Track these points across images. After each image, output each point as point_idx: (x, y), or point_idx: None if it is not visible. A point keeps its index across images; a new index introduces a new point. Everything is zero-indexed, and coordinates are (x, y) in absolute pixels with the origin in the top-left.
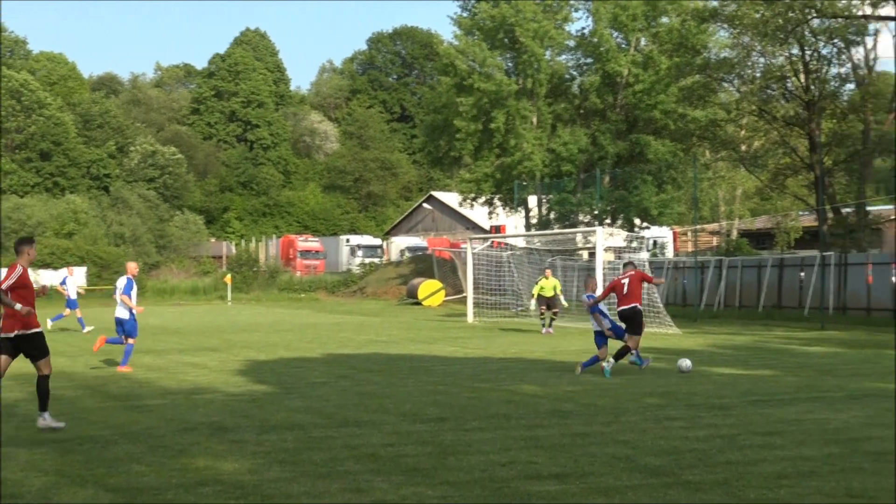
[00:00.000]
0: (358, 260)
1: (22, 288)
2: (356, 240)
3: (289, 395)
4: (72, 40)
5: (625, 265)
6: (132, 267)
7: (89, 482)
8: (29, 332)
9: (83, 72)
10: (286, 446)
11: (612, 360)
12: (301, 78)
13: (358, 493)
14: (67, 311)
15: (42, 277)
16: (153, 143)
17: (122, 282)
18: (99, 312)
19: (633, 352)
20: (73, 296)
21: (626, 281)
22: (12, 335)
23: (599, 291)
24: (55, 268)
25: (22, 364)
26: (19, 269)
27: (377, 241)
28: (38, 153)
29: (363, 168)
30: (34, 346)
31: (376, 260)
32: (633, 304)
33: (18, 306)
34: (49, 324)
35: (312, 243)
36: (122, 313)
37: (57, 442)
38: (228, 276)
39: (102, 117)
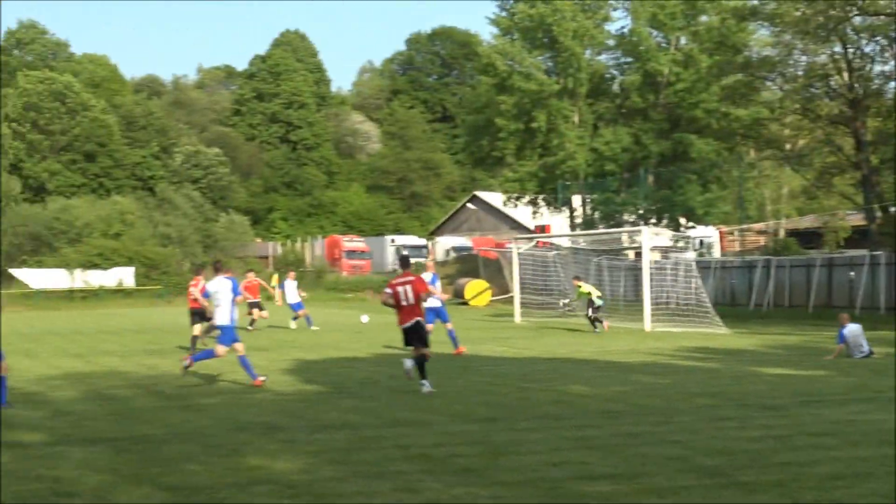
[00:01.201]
0: None
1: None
2: (401, 240)
3: (339, 395)
4: (114, 42)
5: None
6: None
7: (144, 481)
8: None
9: (125, 74)
10: (337, 446)
11: None
12: (342, 79)
13: (410, 493)
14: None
15: (91, 278)
16: (196, 144)
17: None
18: (146, 313)
19: None
20: (297, 299)
21: None
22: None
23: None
24: (104, 268)
25: (75, 363)
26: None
27: (422, 242)
28: (83, 154)
29: (406, 168)
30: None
31: (421, 260)
32: None
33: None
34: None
35: (358, 243)
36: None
37: (111, 441)
38: (275, 277)
39: (146, 119)
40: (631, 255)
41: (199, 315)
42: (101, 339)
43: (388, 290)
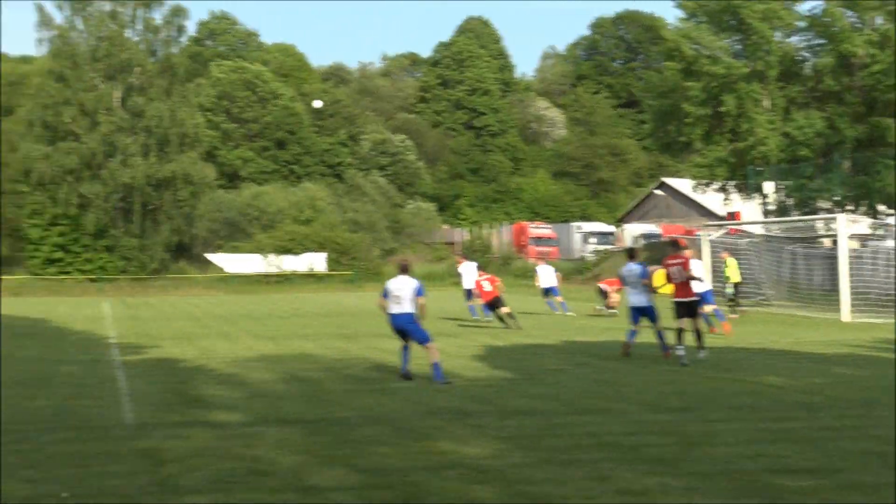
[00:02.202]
0: (591, 247)
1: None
2: (588, 227)
3: (527, 382)
4: (301, 32)
5: None
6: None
7: (337, 462)
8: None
9: (313, 62)
10: (527, 432)
11: None
12: (525, 65)
13: (601, 481)
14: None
15: (283, 263)
16: (383, 132)
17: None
18: (337, 298)
19: None
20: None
21: None
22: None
23: None
24: (295, 253)
25: (269, 345)
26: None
27: (610, 228)
28: (274, 142)
29: (592, 154)
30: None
31: (609, 247)
32: None
33: None
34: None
35: (545, 230)
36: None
37: (305, 422)
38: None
39: (333, 107)
40: (827, 242)
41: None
42: (294, 323)
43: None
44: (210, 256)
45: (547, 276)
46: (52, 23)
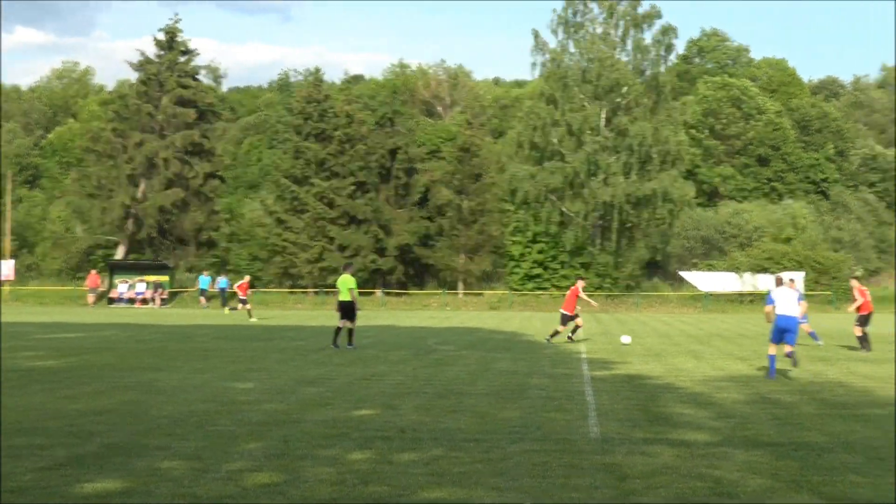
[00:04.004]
0: None
1: None
2: None
3: None
4: (793, 46)
5: None
6: None
7: (804, 488)
8: None
9: (803, 77)
10: None
11: None
12: None
13: None
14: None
15: (759, 282)
16: (874, 147)
17: None
18: (814, 319)
19: None
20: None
21: None
22: None
23: None
24: (772, 272)
25: (740, 366)
26: None
27: None
28: (756, 158)
29: None
30: None
31: None
32: None
33: None
34: None
35: None
36: None
37: (773, 446)
38: None
39: (821, 121)
40: None
41: None
42: (767, 343)
43: None
44: (685, 274)
45: None
46: (547, 47)
